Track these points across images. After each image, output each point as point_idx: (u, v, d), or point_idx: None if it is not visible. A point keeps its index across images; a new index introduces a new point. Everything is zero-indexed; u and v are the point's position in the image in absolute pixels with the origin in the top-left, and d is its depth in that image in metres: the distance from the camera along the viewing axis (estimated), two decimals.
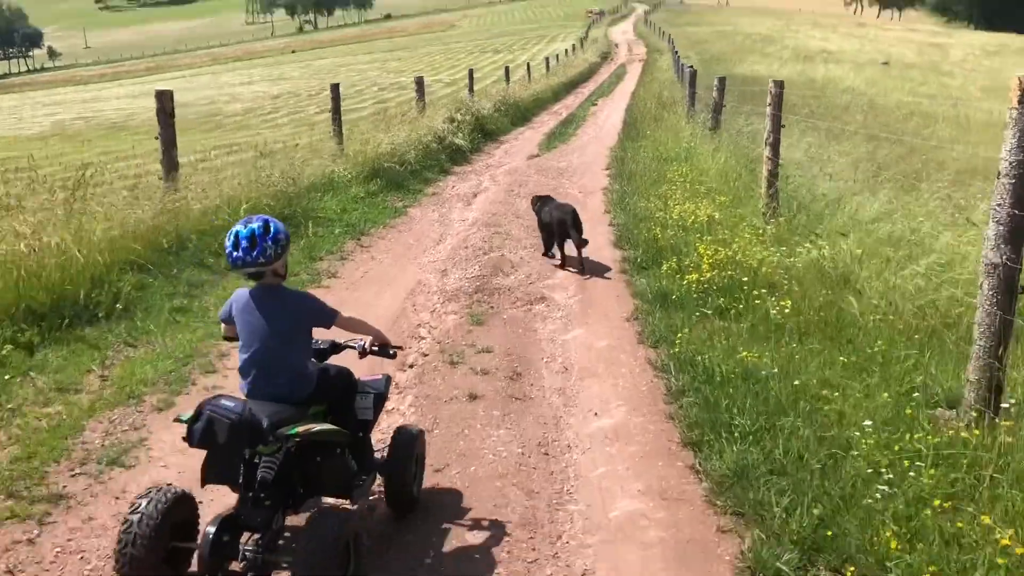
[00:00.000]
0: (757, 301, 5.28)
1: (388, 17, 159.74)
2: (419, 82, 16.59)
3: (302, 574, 2.65)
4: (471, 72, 21.44)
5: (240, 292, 3.10)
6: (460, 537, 3.38)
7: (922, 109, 29.08)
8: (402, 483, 3.42)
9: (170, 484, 2.99)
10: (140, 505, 2.80)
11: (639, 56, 49.20)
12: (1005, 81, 3.23)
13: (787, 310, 5.01)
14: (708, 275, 5.91)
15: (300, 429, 2.81)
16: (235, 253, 2.92)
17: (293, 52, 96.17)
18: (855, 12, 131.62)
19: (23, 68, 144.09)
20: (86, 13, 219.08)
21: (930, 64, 50.74)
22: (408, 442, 3.49)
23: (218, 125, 30.03)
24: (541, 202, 7.91)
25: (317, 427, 2.91)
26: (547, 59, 38.70)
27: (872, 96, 33.12)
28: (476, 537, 3.37)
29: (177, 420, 2.80)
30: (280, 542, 2.99)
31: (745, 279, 5.73)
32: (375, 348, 3.33)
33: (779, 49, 54.37)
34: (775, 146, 8.04)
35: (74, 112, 39.94)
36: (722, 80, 12.61)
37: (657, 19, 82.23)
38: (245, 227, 2.93)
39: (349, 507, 3.31)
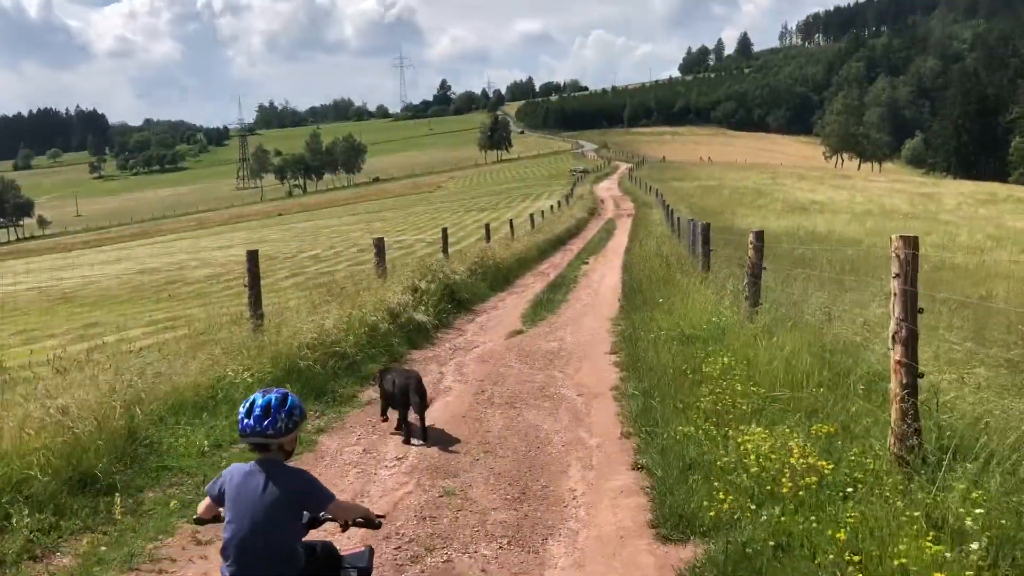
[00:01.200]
0: None
1: (376, 180, 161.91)
2: (379, 244, 13.58)
3: None
4: (445, 231, 18.62)
5: (236, 466, 2.93)
6: None
7: (946, 261, 26.56)
8: None
9: None
10: None
11: (627, 211, 47.54)
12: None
13: None
14: None
15: None
16: (247, 420, 2.86)
17: (279, 215, 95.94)
18: (835, 165, 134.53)
19: (12, 237, 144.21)
20: (80, 183, 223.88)
21: (927, 213, 49.34)
22: None
23: (173, 294, 27.07)
24: (382, 375, 7.38)
25: None
26: (532, 216, 36.54)
27: (883, 247, 30.83)
28: None
29: None
30: None
31: None
32: (359, 520, 3.06)
33: (770, 201, 53.08)
34: (909, 345, 4.76)
35: (35, 281, 37.42)
36: (759, 235, 9.50)
37: (642, 175, 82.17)
38: (263, 396, 2.89)
39: None
